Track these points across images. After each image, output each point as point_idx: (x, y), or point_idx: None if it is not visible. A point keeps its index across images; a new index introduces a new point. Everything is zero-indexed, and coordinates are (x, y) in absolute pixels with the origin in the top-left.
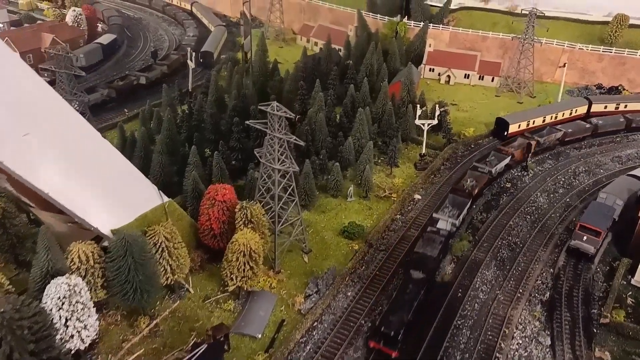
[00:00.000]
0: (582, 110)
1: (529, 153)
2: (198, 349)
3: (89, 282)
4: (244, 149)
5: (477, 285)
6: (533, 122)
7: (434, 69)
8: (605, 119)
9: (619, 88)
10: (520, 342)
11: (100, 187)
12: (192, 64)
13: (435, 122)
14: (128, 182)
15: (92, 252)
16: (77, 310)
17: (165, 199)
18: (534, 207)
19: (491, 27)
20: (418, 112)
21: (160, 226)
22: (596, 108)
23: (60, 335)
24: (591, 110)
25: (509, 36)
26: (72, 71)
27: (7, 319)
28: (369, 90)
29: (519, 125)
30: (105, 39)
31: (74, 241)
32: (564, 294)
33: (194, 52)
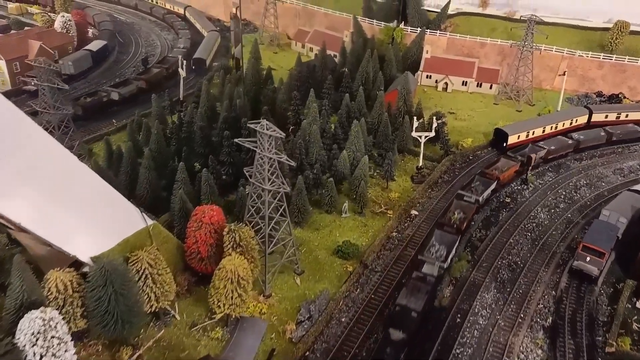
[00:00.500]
0: (582, 120)
1: (520, 173)
2: None
3: (67, 312)
4: (235, 163)
5: (476, 310)
6: (533, 132)
7: (431, 76)
8: (587, 133)
9: (620, 96)
10: None
11: (78, 213)
12: (182, 72)
13: (432, 134)
14: (109, 206)
15: (71, 281)
16: (53, 345)
17: (150, 222)
18: (534, 224)
19: (489, 33)
20: (415, 124)
21: (143, 251)
22: (597, 117)
23: None
24: (592, 120)
25: (507, 42)
26: (54, 84)
27: None
28: (364, 99)
29: (518, 136)
30: (95, 45)
31: (54, 263)
32: (567, 319)
33: (184, 60)
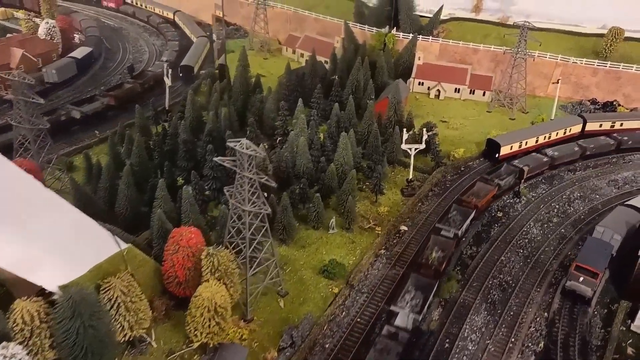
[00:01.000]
0: (576, 129)
1: (498, 197)
2: None
3: (35, 344)
4: (219, 177)
5: (465, 334)
6: (525, 143)
7: (423, 82)
8: (561, 148)
9: (614, 103)
10: None
11: (44, 241)
12: (168, 81)
13: (422, 146)
14: (79, 232)
15: (38, 311)
16: None
17: (124, 246)
18: (526, 240)
19: (482, 39)
20: (404, 136)
21: (116, 278)
22: (591, 127)
23: None
24: (586, 129)
25: (500, 49)
26: (29, 98)
27: None
28: (354, 108)
29: (511, 147)
30: (80, 52)
31: (25, 289)
32: (560, 343)
33: (170, 68)
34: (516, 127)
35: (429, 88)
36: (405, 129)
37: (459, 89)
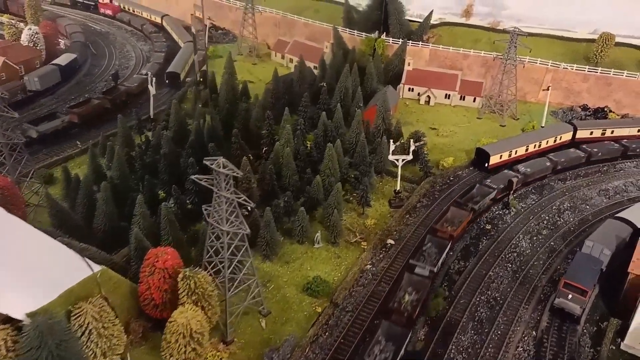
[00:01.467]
0: (566, 137)
1: (473, 221)
2: None
3: None
4: (201, 190)
5: (452, 355)
6: (515, 152)
7: (413, 88)
8: (532, 164)
9: (605, 109)
10: None
11: (10, 267)
12: (152, 89)
13: (409, 157)
14: (48, 257)
15: (5, 339)
16: None
17: (96, 268)
18: (515, 253)
19: (473, 44)
20: (392, 147)
21: (88, 303)
22: (582, 134)
23: None
24: (576, 137)
25: (491, 54)
26: (2, 111)
27: None
28: (343, 116)
29: (500, 156)
30: (64, 59)
31: None
32: None
33: (154, 77)
34: (507, 133)
35: (419, 94)
36: (392, 140)
37: (449, 95)
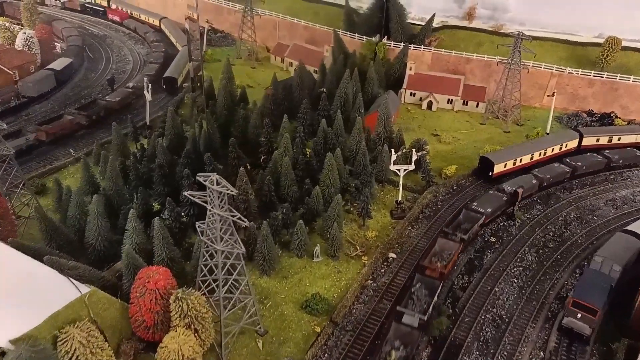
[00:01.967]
0: (572, 144)
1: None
2: None
3: None
4: (196, 202)
5: None
6: (520, 160)
7: (415, 93)
8: (516, 181)
9: (611, 115)
10: None
11: None
12: (148, 96)
13: (411, 167)
14: (32, 280)
15: None
16: None
17: (84, 289)
18: (521, 267)
19: (476, 48)
20: (393, 156)
21: (75, 328)
22: (588, 141)
23: None
24: (582, 144)
25: (494, 58)
26: None
27: None
28: (343, 123)
29: (505, 165)
30: (59, 64)
31: None
32: None
33: (150, 82)
34: (511, 140)
35: (420, 99)
36: (393, 150)
37: (451, 100)
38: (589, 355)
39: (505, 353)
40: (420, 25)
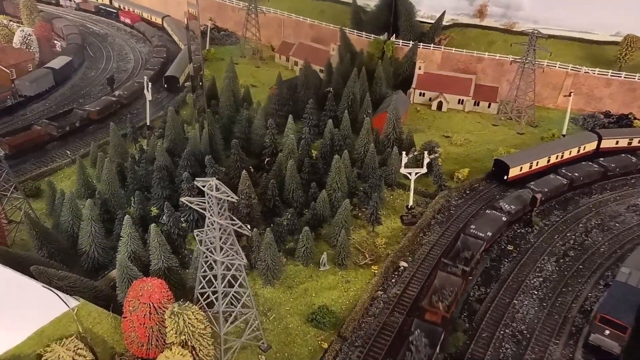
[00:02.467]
0: (590, 146)
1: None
2: None
3: None
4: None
5: None
6: (537, 163)
7: (424, 93)
8: (516, 198)
9: (630, 116)
10: None
11: None
12: (148, 95)
13: (423, 170)
14: (16, 295)
15: None
16: None
17: (73, 303)
18: (541, 278)
19: (487, 47)
20: (404, 159)
21: (61, 345)
22: (606, 144)
23: None
24: (601, 146)
25: (506, 57)
26: None
27: None
28: (350, 124)
29: (521, 168)
30: (58, 62)
31: None
32: None
33: (150, 82)
34: (525, 142)
35: (430, 99)
36: (404, 153)
37: (462, 100)
38: None
39: None
40: (430, 23)
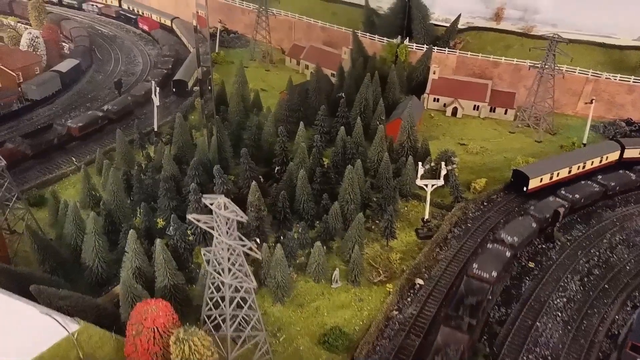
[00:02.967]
0: (613, 156)
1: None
2: None
3: None
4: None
5: None
6: (557, 174)
7: (438, 99)
8: (517, 227)
9: None
10: None
11: None
12: (156, 100)
13: (440, 182)
14: (10, 320)
15: None
16: None
17: (73, 327)
18: (565, 299)
19: (504, 51)
20: (420, 170)
21: None
22: (630, 153)
23: None
24: (624, 156)
25: (524, 62)
26: None
27: None
28: (363, 131)
29: (541, 179)
30: (65, 65)
31: None
32: None
33: (158, 87)
34: (544, 150)
35: (444, 105)
36: (420, 164)
37: (478, 106)
38: None
39: None
40: (445, 26)
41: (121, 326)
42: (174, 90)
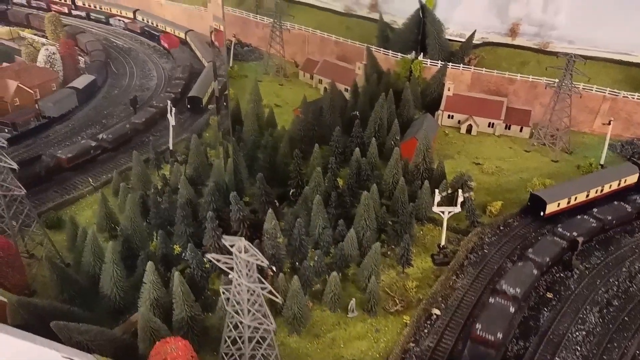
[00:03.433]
0: (632, 179)
1: None
2: None
3: None
4: (219, 247)
5: None
6: (575, 198)
7: (453, 115)
8: (518, 274)
9: None
10: None
11: None
12: (171, 120)
13: (457, 210)
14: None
15: None
16: None
17: None
18: (584, 332)
19: (519, 68)
20: (437, 197)
21: None
22: None
23: None
24: None
25: (540, 79)
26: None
27: None
28: (377, 151)
29: (558, 204)
30: (82, 81)
31: None
32: None
33: (173, 106)
34: (561, 170)
35: (459, 122)
36: (437, 190)
37: (493, 123)
38: None
39: None
40: (459, 41)
41: (139, 358)
42: (188, 106)
